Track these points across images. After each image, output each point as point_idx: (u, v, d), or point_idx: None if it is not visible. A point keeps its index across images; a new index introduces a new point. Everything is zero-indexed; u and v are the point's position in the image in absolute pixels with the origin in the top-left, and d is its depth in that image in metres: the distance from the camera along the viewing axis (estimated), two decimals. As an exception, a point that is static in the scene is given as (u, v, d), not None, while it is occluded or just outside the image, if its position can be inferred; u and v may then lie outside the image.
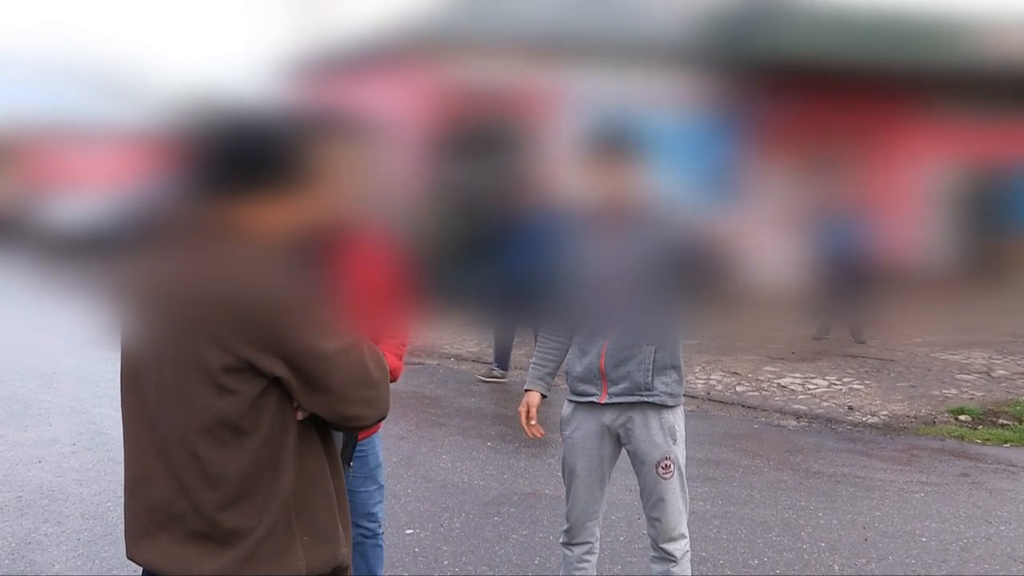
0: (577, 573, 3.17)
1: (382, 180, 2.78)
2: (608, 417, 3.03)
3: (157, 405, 1.71)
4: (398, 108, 9.50)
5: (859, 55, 11.42)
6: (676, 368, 3.01)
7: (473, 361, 8.60)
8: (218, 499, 1.68)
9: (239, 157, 1.71)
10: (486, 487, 5.05)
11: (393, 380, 3.01)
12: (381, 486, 3.13)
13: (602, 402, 3.01)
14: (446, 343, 9.24)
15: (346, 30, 11.91)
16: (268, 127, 1.75)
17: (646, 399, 2.98)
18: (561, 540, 3.22)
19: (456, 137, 9.02)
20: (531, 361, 3.22)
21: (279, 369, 1.65)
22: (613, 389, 2.98)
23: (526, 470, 5.36)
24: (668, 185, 3.11)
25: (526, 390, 3.19)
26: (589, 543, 3.16)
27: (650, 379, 2.95)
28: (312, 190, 1.77)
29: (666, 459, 3.00)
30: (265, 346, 1.63)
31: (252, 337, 1.62)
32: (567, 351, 3.15)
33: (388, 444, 4.25)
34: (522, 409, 3.17)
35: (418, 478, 5.14)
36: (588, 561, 3.18)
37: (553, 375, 3.19)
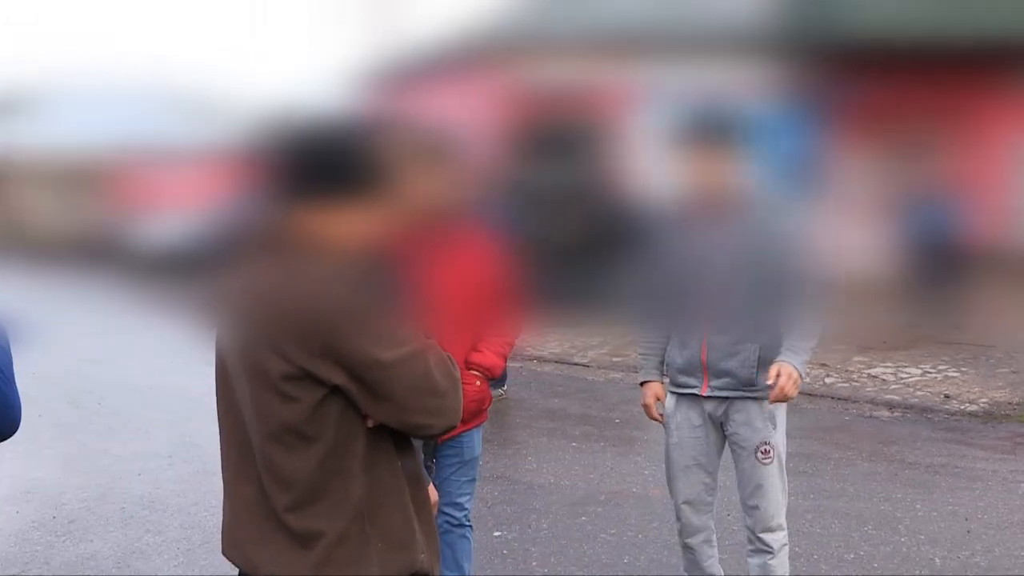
0: (706, 563, 3.16)
1: (463, 185, 2.80)
2: (710, 406, 3.03)
3: (243, 411, 1.77)
4: (475, 113, 9.55)
5: (944, 27, 11.02)
6: None
7: (556, 362, 8.57)
8: (288, 501, 1.72)
9: (315, 167, 1.74)
10: (572, 487, 5.04)
11: (492, 377, 3.05)
12: (473, 479, 3.14)
13: (703, 394, 3.01)
14: (528, 345, 9.22)
15: (419, 37, 12.03)
16: (343, 136, 1.78)
17: (748, 395, 2.96)
18: (680, 541, 3.21)
19: (535, 139, 9.02)
20: (639, 353, 3.25)
21: (338, 378, 1.66)
22: (715, 383, 2.98)
23: (612, 469, 5.33)
24: (761, 175, 3.05)
25: (645, 382, 3.21)
26: (705, 531, 3.15)
27: (754, 375, 2.93)
28: (389, 197, 1.79)
29: (766, 444, 2.98)
30: (322, 355, 1.65)
31: (308, 346, 1.65)
32: (669, 339, 3.15)
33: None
34: (650, 400, 3.19)
35: (504, 481, 5.16)
36: (712, 554, 3.17)
37: (663, 362, 3.19)
